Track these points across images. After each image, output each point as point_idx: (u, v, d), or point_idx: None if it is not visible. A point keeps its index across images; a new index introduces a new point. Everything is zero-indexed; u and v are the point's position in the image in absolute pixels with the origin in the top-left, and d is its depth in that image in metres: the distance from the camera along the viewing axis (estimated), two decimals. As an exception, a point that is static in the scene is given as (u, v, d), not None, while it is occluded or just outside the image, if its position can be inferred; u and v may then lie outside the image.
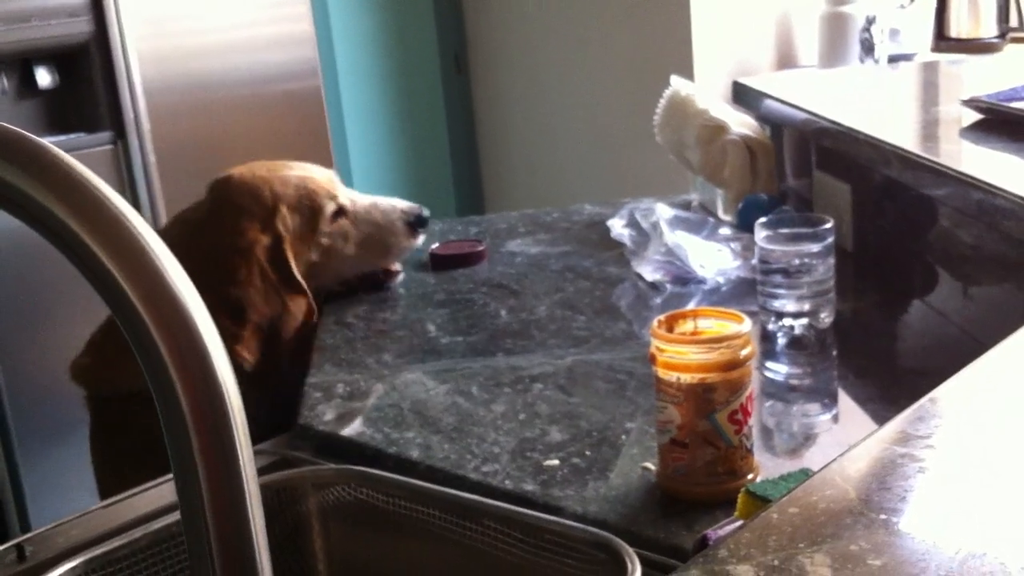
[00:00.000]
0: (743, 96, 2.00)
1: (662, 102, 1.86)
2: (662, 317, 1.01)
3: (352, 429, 1.20)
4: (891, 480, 0.62)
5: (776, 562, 0.54)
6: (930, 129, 1.60)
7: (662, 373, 0.99)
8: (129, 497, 1.12)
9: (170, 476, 1.14)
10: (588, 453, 1.09)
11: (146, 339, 0.47)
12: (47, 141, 0.49)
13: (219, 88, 2.74)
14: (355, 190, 1.62)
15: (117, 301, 0.47)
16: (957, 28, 3.17)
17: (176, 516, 1.03)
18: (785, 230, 1.37)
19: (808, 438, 1.17)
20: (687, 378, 0.97)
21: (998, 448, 0.66)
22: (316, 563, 1.15)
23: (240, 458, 0.47)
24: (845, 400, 1.27)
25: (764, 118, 1.90)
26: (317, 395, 1.29)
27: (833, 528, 0.57)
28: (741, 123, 1.78)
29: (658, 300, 1.52)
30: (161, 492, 1.11)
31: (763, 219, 1.39)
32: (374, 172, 3.86)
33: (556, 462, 1.07)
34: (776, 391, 1.26)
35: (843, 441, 0.96)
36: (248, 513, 0.48)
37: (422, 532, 1.04)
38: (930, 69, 2.33)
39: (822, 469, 0.64)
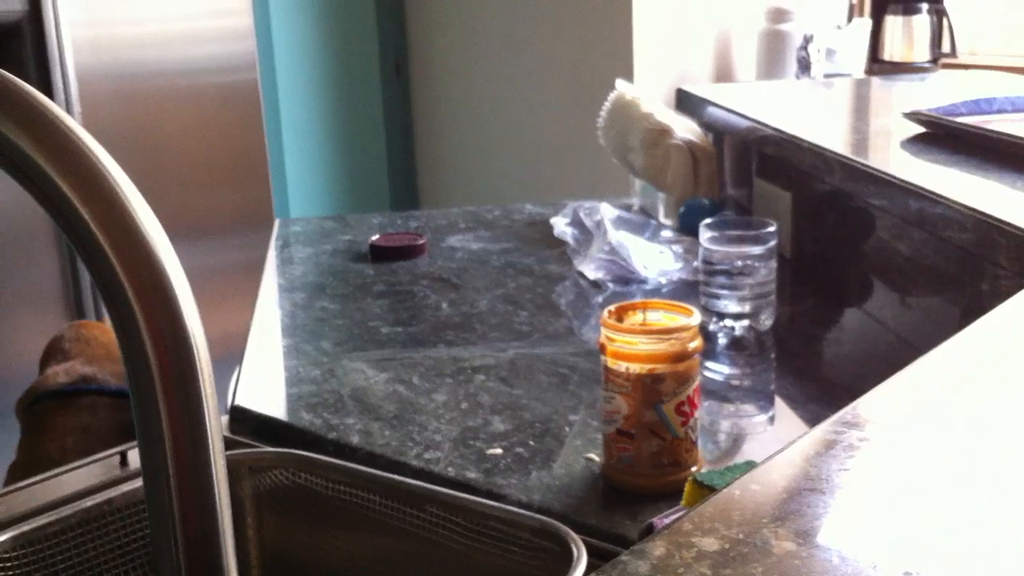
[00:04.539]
0: (687, 103, 2.02)
1: (607, 105, 1.87)
2: (612, 307, 1.01)
3: (290, 414, 1.18)
4: (851, 462, 0.62)
5: (741, 536, 0.54)
6: (871, 140, 1.63)
7: (611, 363, 0.98)
8: (56, 476, 1.09)
9: (98, 456, 1.11)
10: (531, 443, 1.08)
11: (113, 284, 0.45)
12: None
13: (154, 77, 2.70)
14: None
15: (84, 243, 0.46)
16: (891, 52, 3.24)
17: (105, 496, 1.00)
18: (729, 232, 1.38)
19: (747, 437, 1.17)
20: (636, 368, 0.97)
21: (953, 430, 0.67)
22: (248, 552, 1.12)
23: (206, 409, 0.46)
24: (783, 400, 1.27)
25: (707, 125, 1.92)
26: (254, 379, 1.27)
27: (795, 505, 0.57)
28: (685, 128, 1.80)
29: (599, 299, 1.52)
30: (91, 471, 1.08)
31: (708, 220, 1.40)
32: (308, 166, 3.82)
33: (499, 451, 1.06)
34: (716, 390, 1.26)
35: (782, 439, 0.96)
36: (212, 470, 0.46)
37: (361, 520, 1.03)
38: (864, 85, 2.37)
39: (782, 449, 0.64)
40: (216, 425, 0.45)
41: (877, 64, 3.22)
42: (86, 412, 1.31)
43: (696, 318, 1.00)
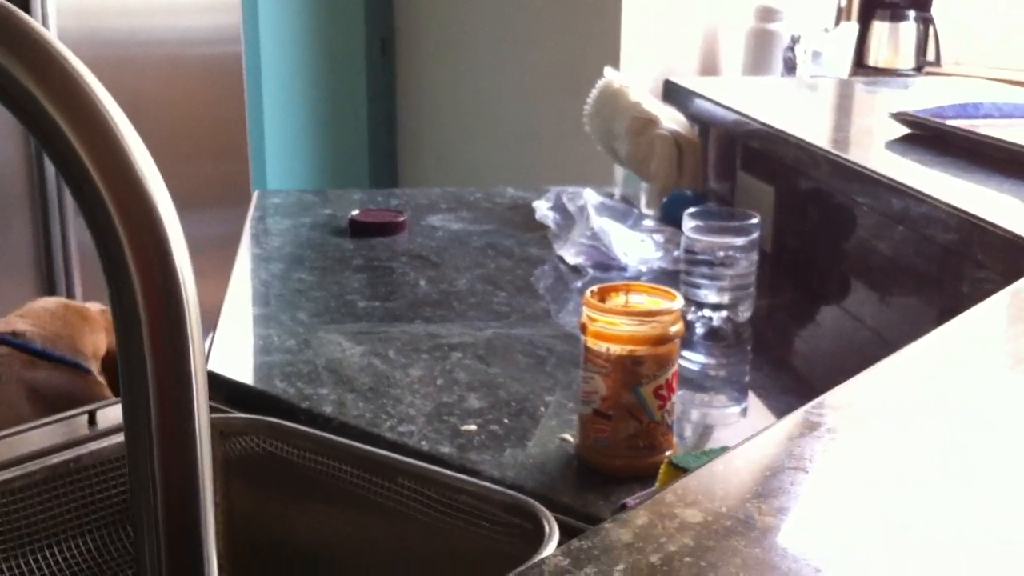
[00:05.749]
0: (674, 94, 2.01)
1: (594, 92, 1.86)
2: (595, 288, 1.00)
3: (264, 381, 1.17)
4: (834, 443, 0.62)
5: (724, 509, 0.53)
6: (856, 139, 1.63)
7: (591, 343, 0.98)
8: (21, 432, 1.07)
9: (66, 415, 1.09)
10: (506, 421, 1.07)
11: (104, 220, 0.44)
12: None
13: (138, 45, 2.67)
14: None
15: (76, 178, 0.44)
16: (876, 57, 3.25)
17: (73, 453, 0.98)
18: (712, 222, 1.38)
19: (721, 426, 1.17)
20: (616, 349, 0.96)
21: (935, 415, 0.67)
22: (216, 518, 1.10)
23: (191, 351, 0.45)
24: (757, 392, 1.27)
25: (693, 117, 1.92)
26: (228, 345, 1.26)
27: (779, 482, 0.57)
28: (672, 119, 1.79)
29: (578, 284, 1.52)
30: (58, 429, 1.07)
31: (692, 209, 1.40)
32: (288, 141, 3.80)
33: (474, 427, 1.06)
34: (692, 379, 1.26)
35: (755, 430, 0.96)
36: (195, 412, 0.45)
37: (331, 490, 1.01)
38: (849, 86, 2.38)
39: (765, 429, 0.64)
40: (201, 365, 0.44)
41: (862, 69, 3.24)
42: (3, 363, 1.29)
43: (679, 302, 0.99)
